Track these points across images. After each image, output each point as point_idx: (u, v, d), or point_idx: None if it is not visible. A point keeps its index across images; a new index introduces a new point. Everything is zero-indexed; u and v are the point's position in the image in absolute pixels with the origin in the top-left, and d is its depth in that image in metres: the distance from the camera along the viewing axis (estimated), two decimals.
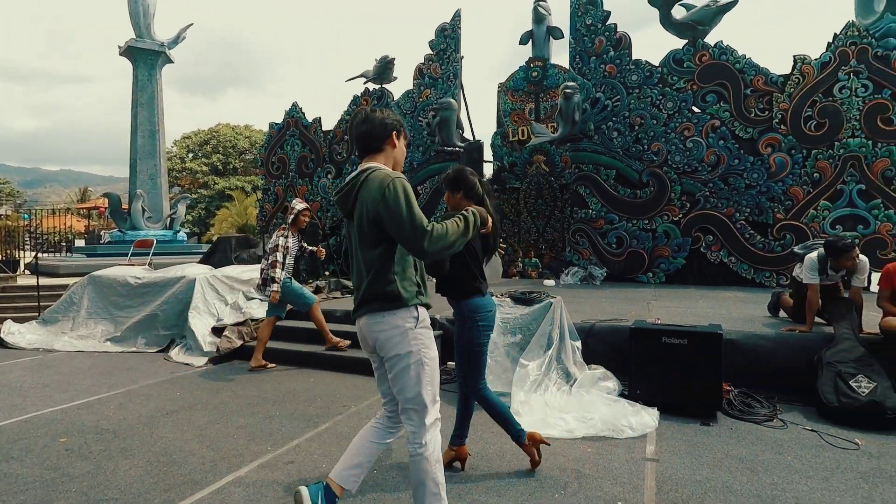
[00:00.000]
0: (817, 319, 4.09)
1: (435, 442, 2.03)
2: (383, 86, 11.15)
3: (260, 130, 31.79)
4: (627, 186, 8.84)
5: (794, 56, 8.06)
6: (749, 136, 8.11)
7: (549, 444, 2.76)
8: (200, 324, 5.65)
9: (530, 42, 11.87)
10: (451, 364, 4.76)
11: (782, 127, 7.93)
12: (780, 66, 8.71)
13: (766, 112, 8.07)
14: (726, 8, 8.55)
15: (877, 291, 3.90)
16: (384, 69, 10.92)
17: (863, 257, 3.91)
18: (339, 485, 2.06)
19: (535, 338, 3.85)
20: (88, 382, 4.55)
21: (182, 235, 15.10)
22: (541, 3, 11.80)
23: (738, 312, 5.15)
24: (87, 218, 27.61)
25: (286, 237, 4.97)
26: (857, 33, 7.71)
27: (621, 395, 3.69)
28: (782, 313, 4.80)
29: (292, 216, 5.04)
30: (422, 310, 2.03)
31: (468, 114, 11.23)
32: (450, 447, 2.76)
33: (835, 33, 7.98)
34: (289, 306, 5.19)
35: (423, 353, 2.00)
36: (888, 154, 7.45)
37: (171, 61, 15.94)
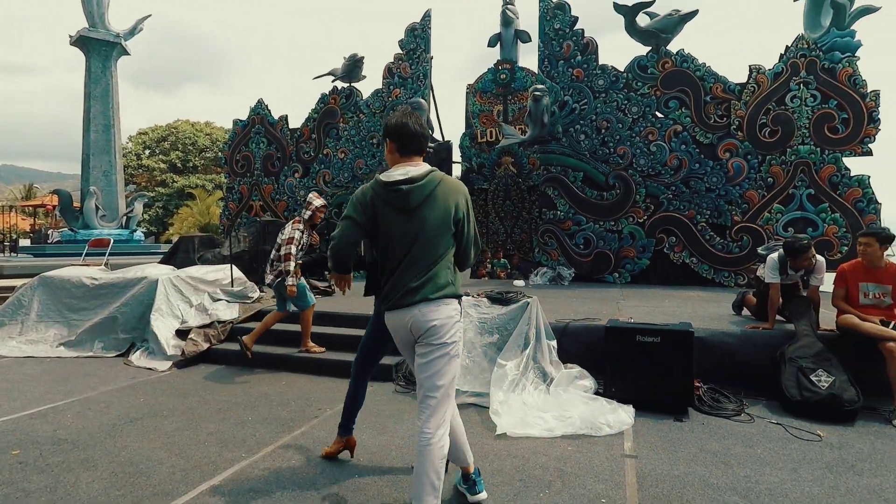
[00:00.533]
0: (778, 317, 4.27)
1: (445, 435, 2.09)
2: (352, 84, 11.02)
3: (221, 128, 30.83)
4: (594, 188, 9.03)
5: (749, 66, 8.43)
6: (709, 141, 8.43)
7: (351, 456, 2.87)
8: (163, 326, 5.41)
9: (498, 44, 11.99)
10: None
11: (739, 133, 8.29)
12: (736, 73, 9.07)
13: (725, 119, 8.41)
14: (687, 18, 8.87)
15: (831, 291, 4.10)
16: (353, 67, 10.79)
17: (819, 258, 4.12)
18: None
19: (513, 337, 3.87)
20: (41, 390, 4.29)
21: (139, 235, 14.49)
22: (509, 6, 11.92)
23: (704, 311, 5.33)
24: (32, 216, 26.09)
25: (302, 231, 4.85)
26: (806, 46, 8.13)
27: (597, 393, 3.75)
28: (745, 311, 5.00)
29: (310, 212, 4.93)
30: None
31: (437, 114, 11.22)
32: (339, 437, 2.86)
33: (786, 45, 8.39)
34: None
35: (459, 345, 2.17)
36: (834, 161, 7.89)
37: (127, 53, 15.27)
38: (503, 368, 3.72)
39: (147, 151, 28.46)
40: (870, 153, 7.88)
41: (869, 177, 7.81)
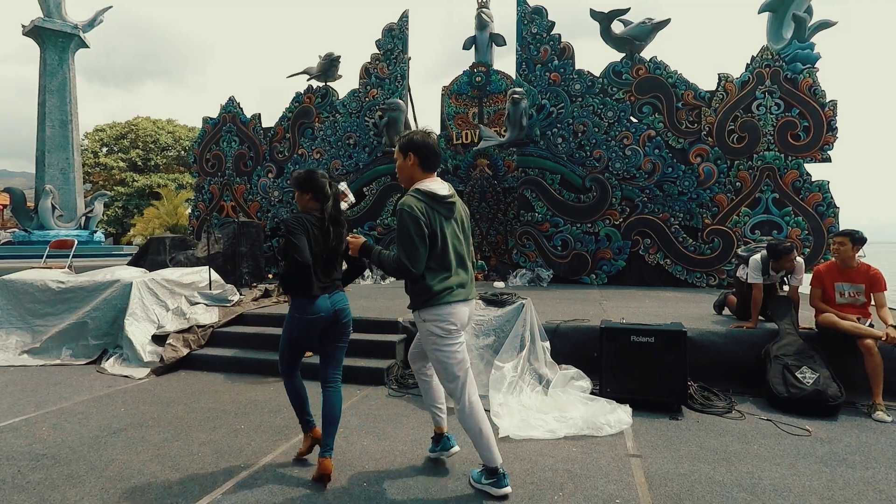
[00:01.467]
0: (759, 316, 4.43)
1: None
2: (328, 84, 10.84)
3: (185, 126, 29.81)
4: (571, 191, 9.17)
5: (718, 74, 8.75)
6: (681, 146, 8.70)
7: (321, 446, 2.79)
8: (139, 332, 5.16)
9: (473, 47, 12.05)
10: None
11: (709, 139, 8.58)
12: (706, 81, 9.38)
13: (696, 124, 8.70)
14: (660, 26, 9.13)
15: (808, 291, 4.28)
16: (329, 66, 10.63)
17: (799, 259, 4.30)
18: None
19: (509, 339, 3.88)
20: (8, 401, 4.01)
21: (99, 236, 13.83)
22: (484, 10, 12.01)
23: (686, 311, 5.47)
24: None
25: None
26: (770, 56, 8.50)
27: (591, 393, 3.78)
28: (726, 310, 5.16)
29: (346, 202, 4.92)
30: None
31: (414, 115, 11.16)
32: (306, 435, 2.92)
33: (752, 55, 8.75)
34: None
35: None
36: (797, 166, 8.26)
37: (85, 45, 14.59)
38: (501, 370, 3.71)
39: (105, 149, 27.20)
40: (829, 160, 8.30)
41: (828, 182, 8.21)
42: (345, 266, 2.95)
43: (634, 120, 8.95)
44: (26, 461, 2.90)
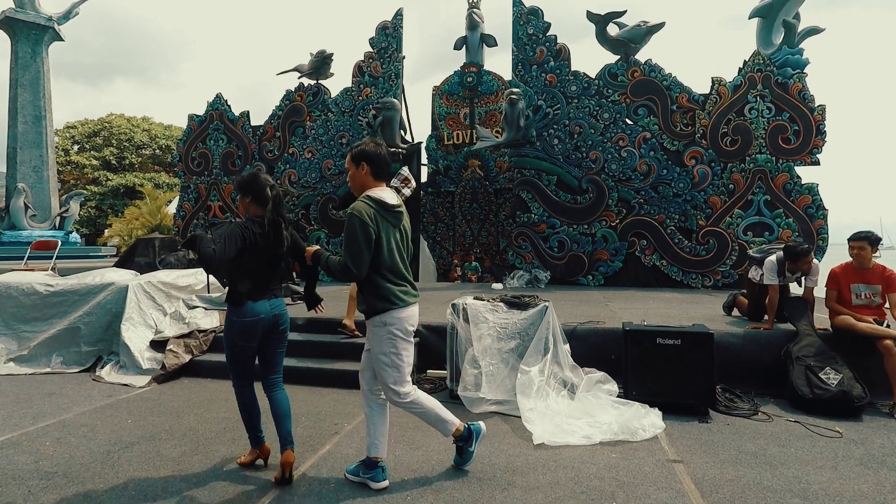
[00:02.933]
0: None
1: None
2: (319, 81, 10.62)
3: (160, 123, 28.95)
4: (568, 192, 9.17)
5: (712, 77, 8.86)
6: (675, 148, 8.78)
7: (265, 464, 2.87)
8: (136, 337, 4.92)
9: (464, 48, 12.00)
10: (432, 372, 4.59)
11: (703, 141, 8.69)
12: (698, 84, 9.50)
13: (690, 127, 8.79)
14: (655, 29, 9.21)
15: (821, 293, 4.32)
16: (322, 64, 10.42)
17: (815, 261, 4.33)
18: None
19: (534, 343, 3.80)
20: (2, 414, 3.76)
21: (75, 236, 13.28)
22: (475, 10, 11.98)
23: (694, 312, 5.49)
24: None
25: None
26: (762, 61, 8.65)
27: (618, 396, 3.74)
28: (735, 312, 5.20)
29: (409, 189, 4.94)
30: None
31: (408, 115, 11.03)
32: (253, 448, 2.91)
33: (744, 60, 8.89)
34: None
35: None
36: (787, 169, 8.42)
37: (60, 39, 14.00)
38: (528, 374, 3.64)
39: (76, 147, 26.22)
40: (818, 163, 8.49)
41: (817, 185, 8.39)
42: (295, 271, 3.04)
43: (630, 122, 9.00)
44: (35, 480, 2.69)
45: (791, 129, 8.44)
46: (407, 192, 4.89)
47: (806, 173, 8.45)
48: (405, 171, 5.00)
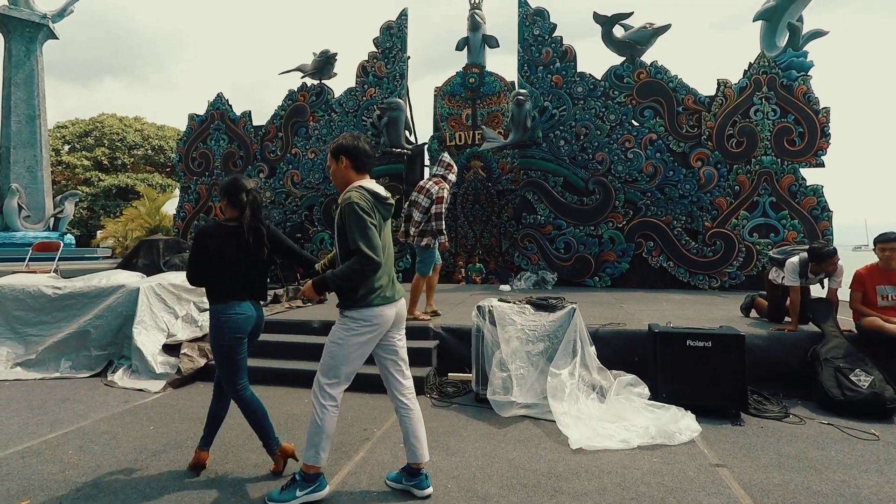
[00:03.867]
0: (786, 318, 4.45)
1: None
2: (322, 81, 10.53)
3: (153, 124, 28.59)
4: (574, 193, 9.15)
5: (717, 80, 8.89)
6: (681, 150, 8.80)
7: (297, 460, 2.83)
8: (149, 341, 4.80)
9: (466, 48, 11.95)
10: (453, 375, 4.52)
11: (709, 143, 8.71)
12: (703, 86, 9.54)
13: (696, 129, 8.81)
14: (660, 31, 9.23)
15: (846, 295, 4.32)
16: (325, 64, 10.33)
17: (840, 262, 4.33)
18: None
19: (563, 345, 3.76)
20: (17, 421, 3.64)
21: (70, 238, 13.05)
22: (477, 11, 11.93)
23: (710, 313, 5.48)
24: None
25: (448, 192, 4.99)
26: (767, 64, 8.69)
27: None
28: (753, 313, 5.19)
29: (453, 174, 5.07)
30: None
31: (411, 116, 10.96)
32: (198, 450, 2.86)
33: (750, 62, 8.94)
34: None
35: None
36: (792, 171, 8.46)
37: (54, 37, 13.77)
38: (558, 378, 3.59)
39: (67, 147, 25.82)
40: (822, 165, 8.54)
41: (822, 187, 8.45)
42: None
43: (636, 123, 9.01)
44: (65, 490, 2.60)
45: (796, 132, 8.49)
46: (452, 177, 4.93)
47: (811, 175, 8.51)
48: (447, 156, 5.02)
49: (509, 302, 4.07)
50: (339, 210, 2.43)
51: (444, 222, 4.97)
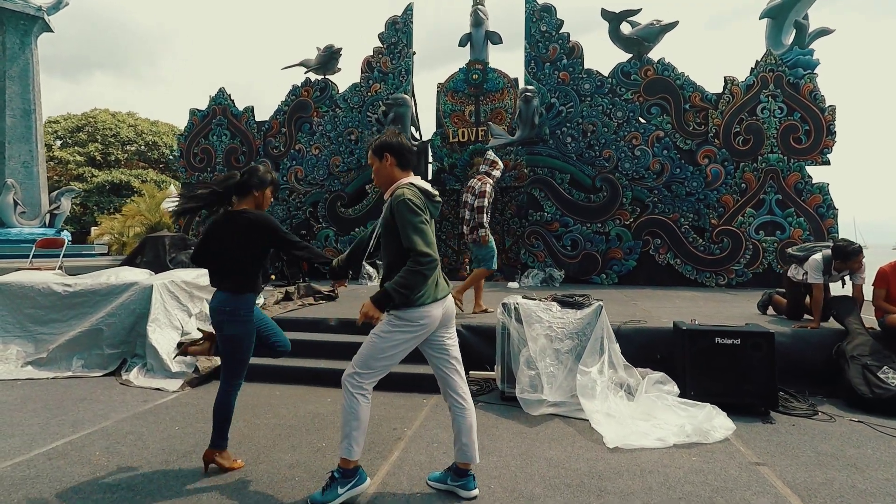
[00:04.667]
0: (807, 315, 4.46)
1: None
2: (327, 76, 10.42)
3: (147, 119, 28.25)
4: (581, 190, 9.13)
5: (724, 77, 8.90)
6: (688, 147, 8.80)
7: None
8: (164, 339, 4.72)
9: (469, 45, 11.87)
10: (475, 373, 4.49)
11: (716, 141, 8.72)
12: (710, 83, 9.56)
13: (703, 126, 8.82)
14: (668, 28, 9.23)
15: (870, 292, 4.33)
16: (329, 59, 10.22)
17: (864, 259, 4.34)
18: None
19: (591, 343, 3.74)
20: (37, 421, 3.56)
21: (66, 234, 12.85)
22: (479, 6, 11.84)
23: (726, 311, 5.48)
24: None
25: (492, 186, 5.11)
26: (773, 61, 8.70)
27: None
28: (770, 310, 5.19)
29: (498, 171, 5.20)
30: None
31: (416, 111, 10.88)
32: (210, 448, 2.81)
33: (756, 60, 8.94)
34: None
35: None
36: (798, 169, 8.49)
37: (50, 30, 13.51)
38: (587, 376, 3.57)
39: (59, 142, 25.44)
40: (828, 163, 8.58)
41: (828, 184, 8.48)
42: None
43: (643, 120, 9.00)
44: (101, 494, 2.53)
45: (802, 129, 8.51)
46: (497, 173, 4.97)
47: (816, 173, 8.54)
48: (492, 153, 5.05)
49: (535, 299, 4.04)
50: (387, 206, 2.38)
51: (486, 216, 5.09)
